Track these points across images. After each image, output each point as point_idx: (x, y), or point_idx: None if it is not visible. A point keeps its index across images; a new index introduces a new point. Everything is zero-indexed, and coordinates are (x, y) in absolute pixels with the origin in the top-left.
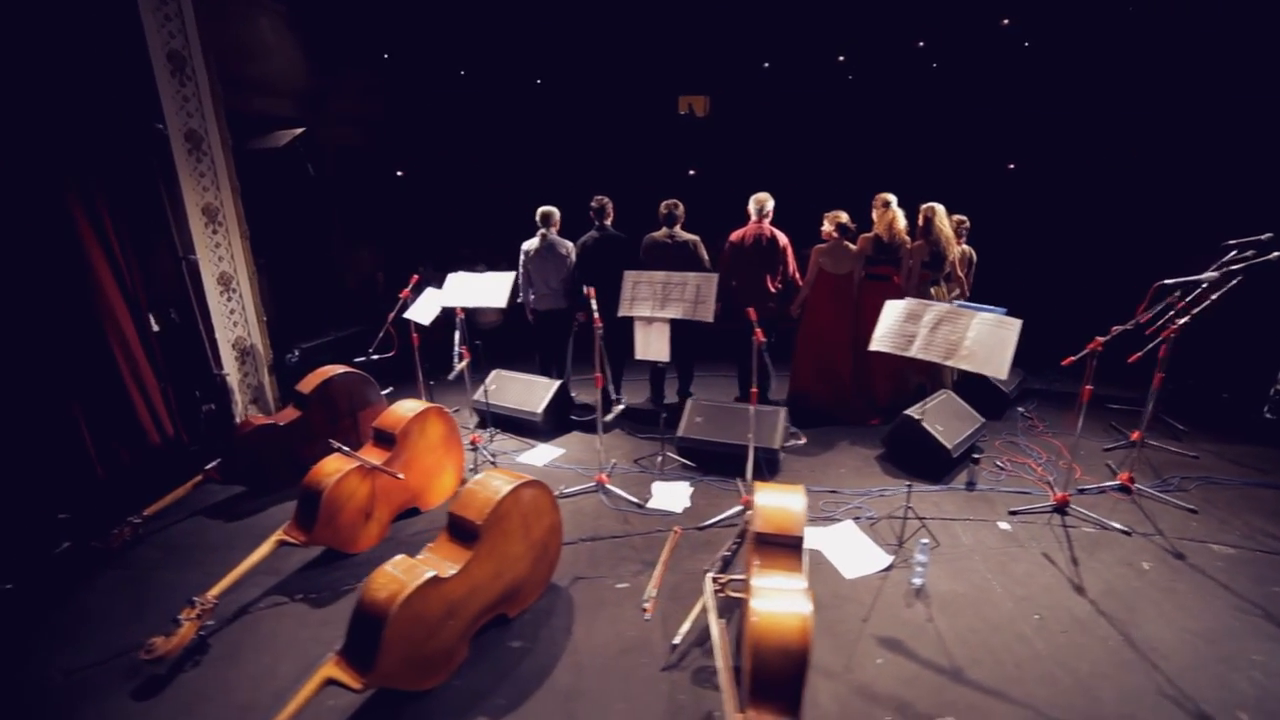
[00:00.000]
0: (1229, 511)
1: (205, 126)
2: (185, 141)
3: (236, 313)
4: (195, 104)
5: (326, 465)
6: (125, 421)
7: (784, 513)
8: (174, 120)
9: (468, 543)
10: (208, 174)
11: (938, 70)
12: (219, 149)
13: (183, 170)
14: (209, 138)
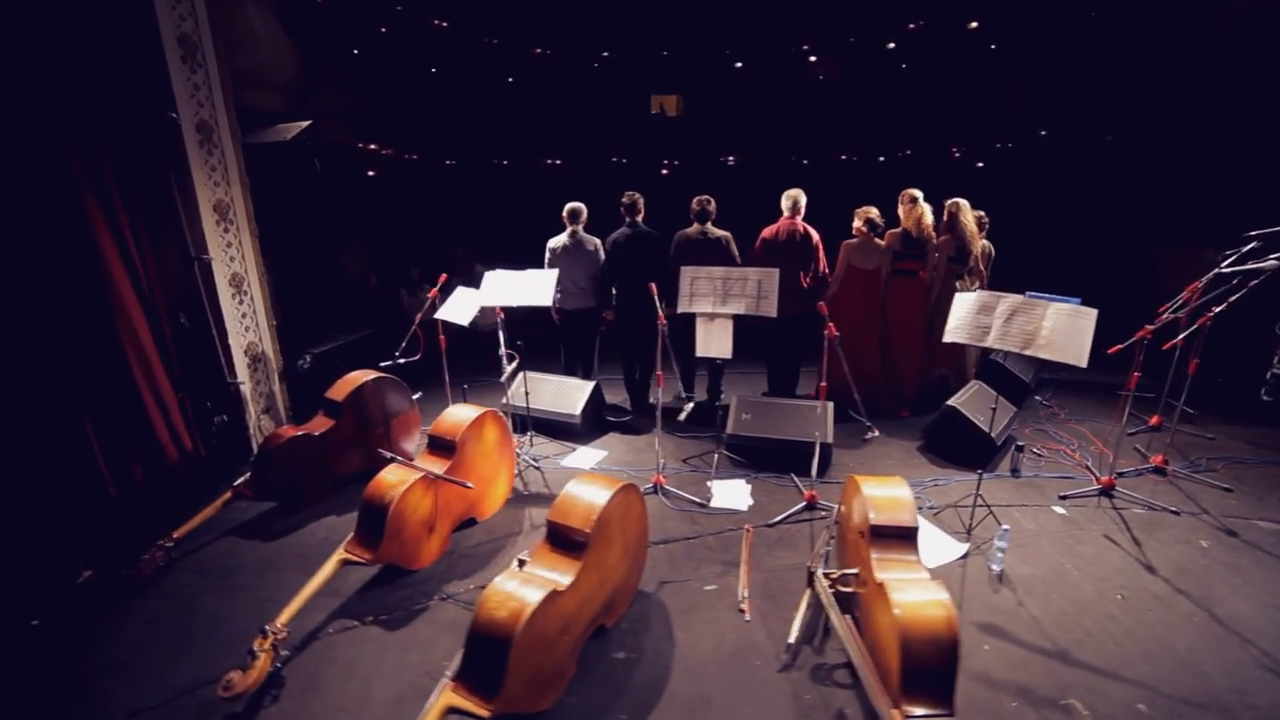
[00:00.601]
0: (1262, 489)
1: (216, 118)
2: (196, 133)
3: (248, 317)
4: (206, 93)
5: (388, 477)
6: (141, 436)
7: (896, 503)
8: (185, 109)
9: (575, 553)
10: (218, 168)
11: (907, 69)
12: (229, 142)
13: (195, 163)
14: (219, 130)
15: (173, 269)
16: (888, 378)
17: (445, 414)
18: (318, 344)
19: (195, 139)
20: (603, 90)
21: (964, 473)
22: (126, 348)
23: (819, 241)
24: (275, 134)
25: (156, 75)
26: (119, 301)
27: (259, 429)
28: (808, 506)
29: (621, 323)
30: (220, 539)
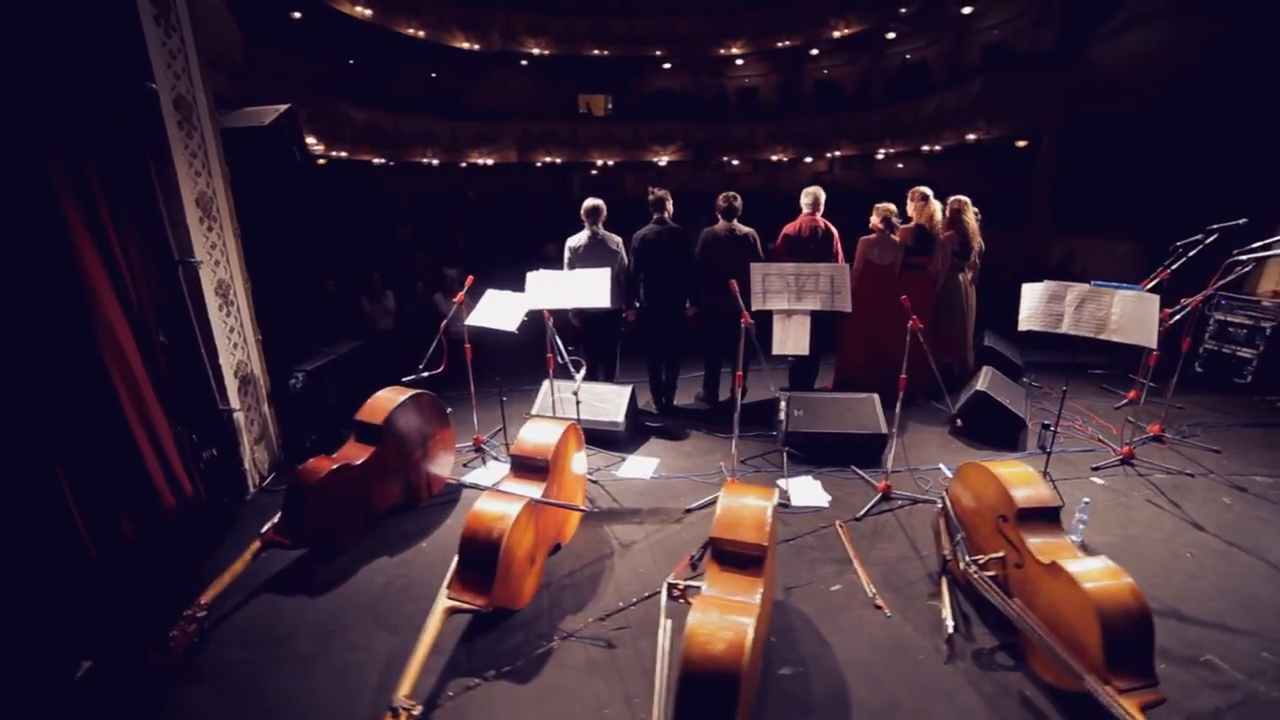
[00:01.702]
0: (1241, 447)
1: (194, 93)
2: (175, 111)
3: (235, 331)
4: (182, 62)
5: (489, 508)
6: (131, 481)
7: (1035, 485)
8: (162, 81)
9: (753, 569)
10: (199, 154)
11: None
12: (208, 123)
13: (175, 147)
14: (198, 108)
15: (152, 275)
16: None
17: (527, 432)
18: (306, 360)
19: (174, 118)
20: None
21: (1001, 453)
22: (113, 374)
23: (838, 236)
24: (249, 118)
25: (131, 38)
26: (102, 317)
27: (254, 464)
28: (884, 497)
29: (648, 322)
30: (255, 599)
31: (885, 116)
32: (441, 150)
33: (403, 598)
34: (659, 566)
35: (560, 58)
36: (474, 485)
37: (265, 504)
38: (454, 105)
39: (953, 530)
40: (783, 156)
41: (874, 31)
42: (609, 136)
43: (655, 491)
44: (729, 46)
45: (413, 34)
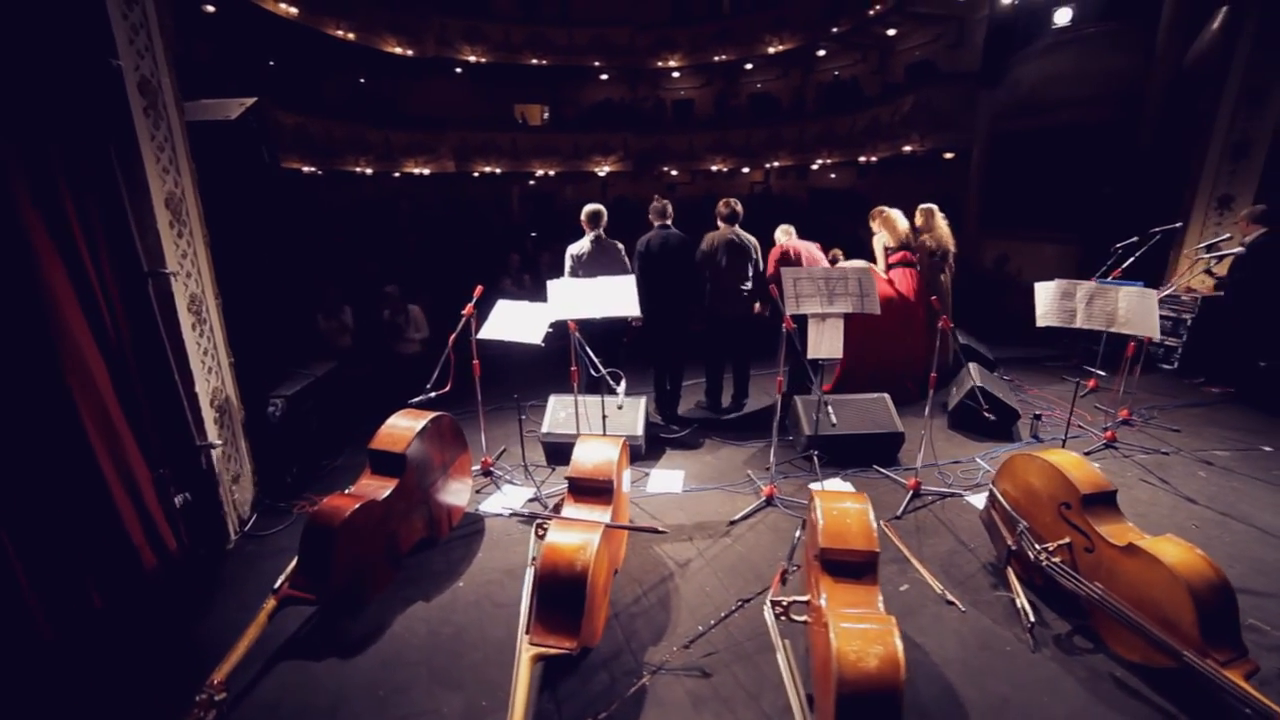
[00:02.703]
0: (1193, 426)
1: (159, 76)
2: (140, 95)
3: (209, 354)
4: (146, 39)
5: (565, 539)
6: (101, 540)
7: (1091, 472)
8: (126, 60)
9: (869, 577)
10: (166, 148)
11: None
12: (175, 111)
13: (143, 138)
14: (164, 93)
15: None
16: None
17: (584, 452)
18: (282, 384)
19: (140, 103)
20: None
21: (1002, 444)
22: (81, 411)
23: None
24: (211, 111)
25: (91, 4)
26: (69, 343)
27: (234, 506)
28: (915, 494)
29: (652, 331)
30: (279, 666)
31: (822, 128)
32: (375, 159)
33: (457, 647)
34: (724, 584)
35: (496, 66)
36: (498, 514)
37: (251, 553)
38: (388, 112)
39: (1013, 522)
40: (722, 166)
41: (806, 48)
42: (549, 146)
43: (690, 505)
44: (666, 59)
45: (342, 36)
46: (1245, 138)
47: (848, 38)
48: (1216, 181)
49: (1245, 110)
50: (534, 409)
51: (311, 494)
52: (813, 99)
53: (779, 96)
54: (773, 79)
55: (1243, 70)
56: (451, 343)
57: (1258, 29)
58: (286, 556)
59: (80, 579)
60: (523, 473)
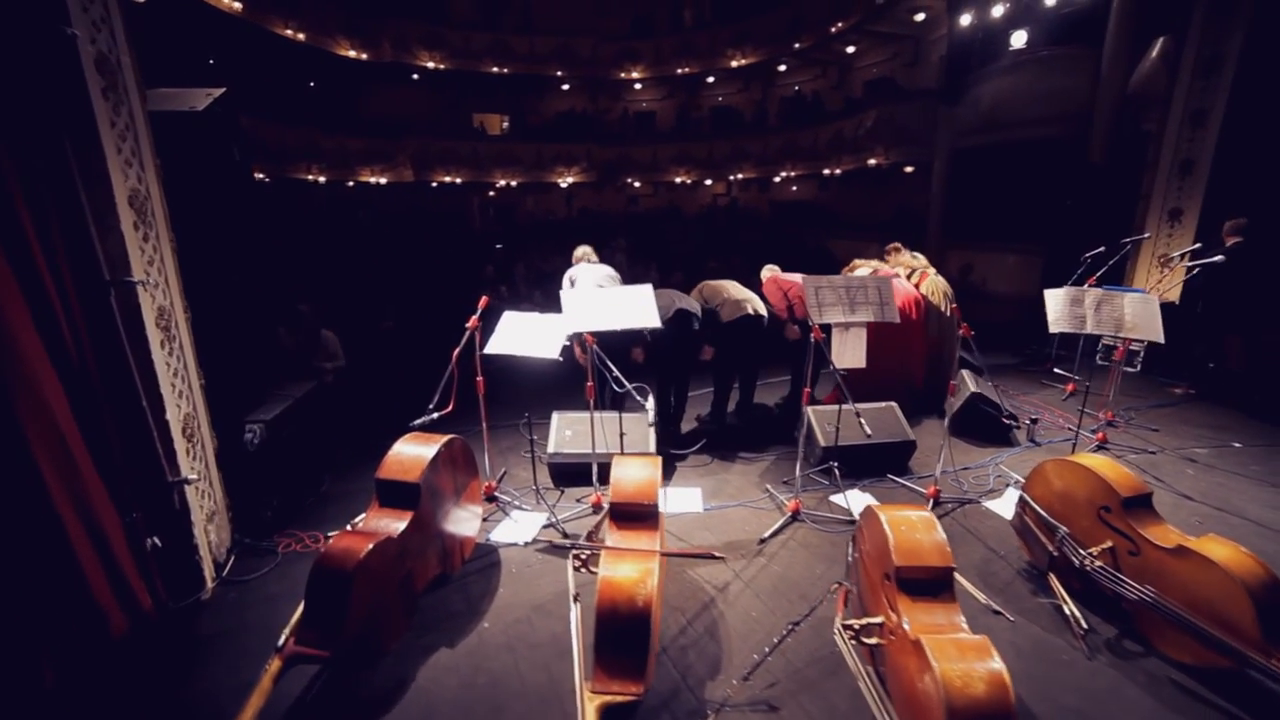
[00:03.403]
0: (1170, 424)
1: (118, 53)
2: (98, 74)
3: (179, 375)
4: (102, 9)
5: (623, 574)
6: (60, 601)
7: (1127, 475)
8: (81, 30)
9: (947, 594)
10: (129, 137)
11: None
12: (137, 95)
13: (102, 125)
14: (124, 73)
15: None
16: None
17: (624, 473)
18: (258, 407)
19: (98, 84)
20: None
21: (1001, 449)
22: (34, 447)
23: None
24: (175, 100)
25: None
26: (18, 363)
27: (209, 549)
28: (936, 503)
29: (654, 347)
30: None
31: (785, 142)
32: (328, 167)
33: (497, 699)
34: (769, 607)
35: (456, 73)
36: (511, 544)
37: (233, 602)
38: (343, 118)
39: (1051, 528)
40: (685, 178)
41: (767, 63)
42: (511, 156)
43: (714, 524)
44: (629, 70)
45: (291, 36)
46: (1190, 156)
47: (809, 54)
48: (1167, 196)
49: (1189, 131)
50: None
51: (296, 530)
52: (775, 112)
53: (741, 109)
54: (734, 92)
55: (1185, 95)
56: (455, 358)
57: (1196, 57)
58: (276, 605)
59: (31, 654)
60: (532, 497)
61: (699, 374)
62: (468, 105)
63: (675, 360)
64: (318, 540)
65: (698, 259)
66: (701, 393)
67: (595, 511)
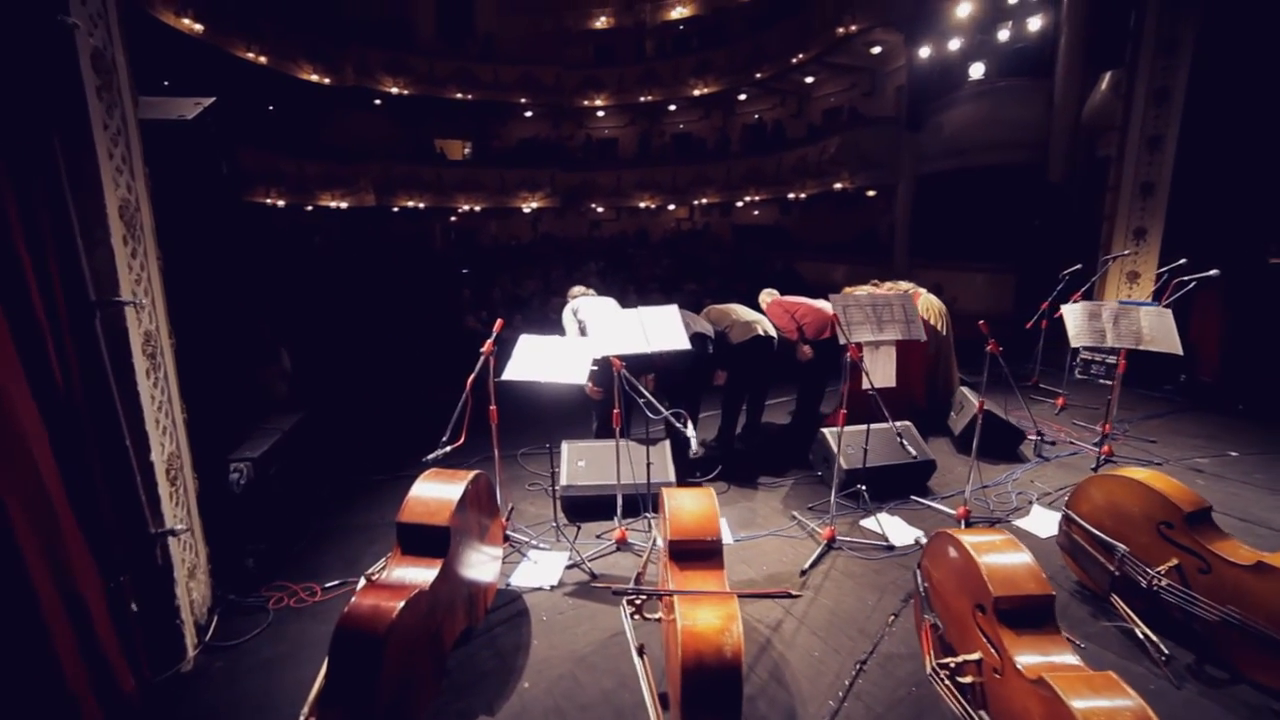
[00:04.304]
0: (1165, 436)
1: (113, 50)
2: (94, 71)
3: (164, 409)
4: (99, 1)
5: (707, 620)
6: (26, 695)
7: (1182, 489)
8: (80, 23)
9: (1051, 625)
10: (120, 142)
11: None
12: (129, 97)
13: (96, 127)
14: (118, 73)
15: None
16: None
17: (679, 507)
18: (243, 443)
19: (93, 81)
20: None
21: (1015, 466)
22: (10, 507)
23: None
24: (162, 109)
25: None
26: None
27: (191, 609)
28: (967, 523)
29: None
30: None
31: (749, 167)
32: (288, 190)
33: None
34: (829, 645)
35: (419, 99)
36: (537, 588)
37: (220, 673)
38: (303, 142)
39: (1109, 547)
40: (650, 203)
41: (728, 92)
42: (474, 181)
43: (749, 556)
44: (592, 98)
45: (253, 59)
46: (1150, 179)
47: (769, 83)
48: (1131, 216)
49: (1147, 155)
50: (527, 458)
51: (286, 581)
52: (737, 139)
53: (703, 136)
54: (695, 120)
55: (1141, 122)
56: (469, 386)
57: (1148, 89)
58: (272, 673)
59: None
60: (545, 534)
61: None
62: (430, 131)
63: (689, 385)
64: (314, 593)
65: (672, 281)
66: (705, 415)
67: (619, 548)
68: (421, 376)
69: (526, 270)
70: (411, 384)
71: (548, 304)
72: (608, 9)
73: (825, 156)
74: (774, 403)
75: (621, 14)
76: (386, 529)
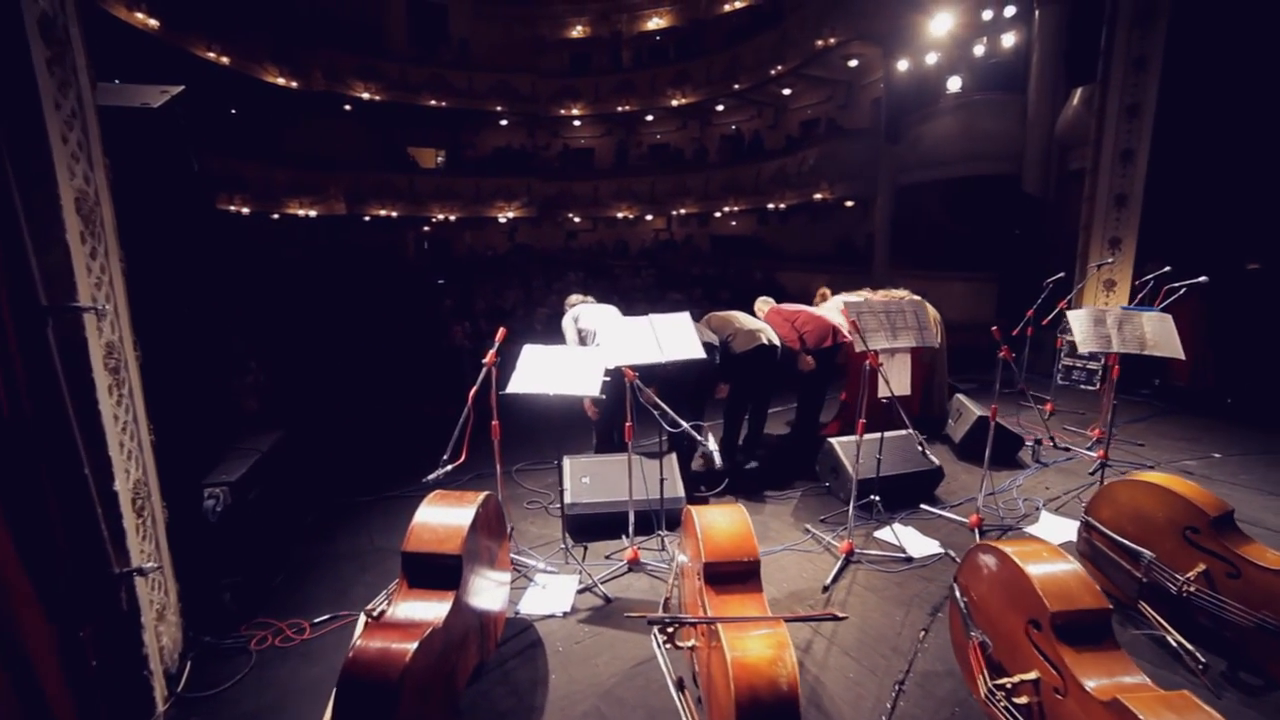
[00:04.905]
0: (1151, 438)
1: (65, 21)
2: (42, 41)
3: (129, 430)
4: None
5: (758, 651)
6: None
7: (1206, 492)
8: None
9: (1111, 639)
10: (75, 126)
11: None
12: (86, 76)
13: (46, 105)
14: (73, 48)
15: None
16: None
17: (712, 526)
18: (218, 466)
19: (43, 53)
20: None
21: (1016, 472)
22: None
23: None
24: (125, 95)
25: None
26: None
27: (159, 656)
28: (981, 532)
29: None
30: None
31: (727, 178)
32: (252, 198)
33: None
34: (863, 666)
35: (391, 105)
36: (549, 615)
37: None
38: (269, 147)
39: (1134, 554)
40: (627, 214)
41: (706, 103)
42: (449, 190)
43: (766, 573)
44: (569, 107)
45: (214, 59)
46: (1124, 190)
47: (746, 94)
48: (1106, 226)
49: (1120, 168)
50: (523, 474)
51: (269, 618)
52: (715, 150)
53: (680, 147)
54: (672, 130)
55: (1114, 136)
56: (471, 399)
57: (1119, 105)
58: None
59: None
60: (548, 555)
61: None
62: (402, 138)
63: (695, 396)
64: (302, 630)
65: (656, 292)
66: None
67: (631, 569)
68: (403, 390)
69: (506, 281)
70: (394, 398)
71: (532, 314)
72: (584, 18)
73: (805, 167)
74: (771, 412)
75: (598, 23)
76: (378, 555)
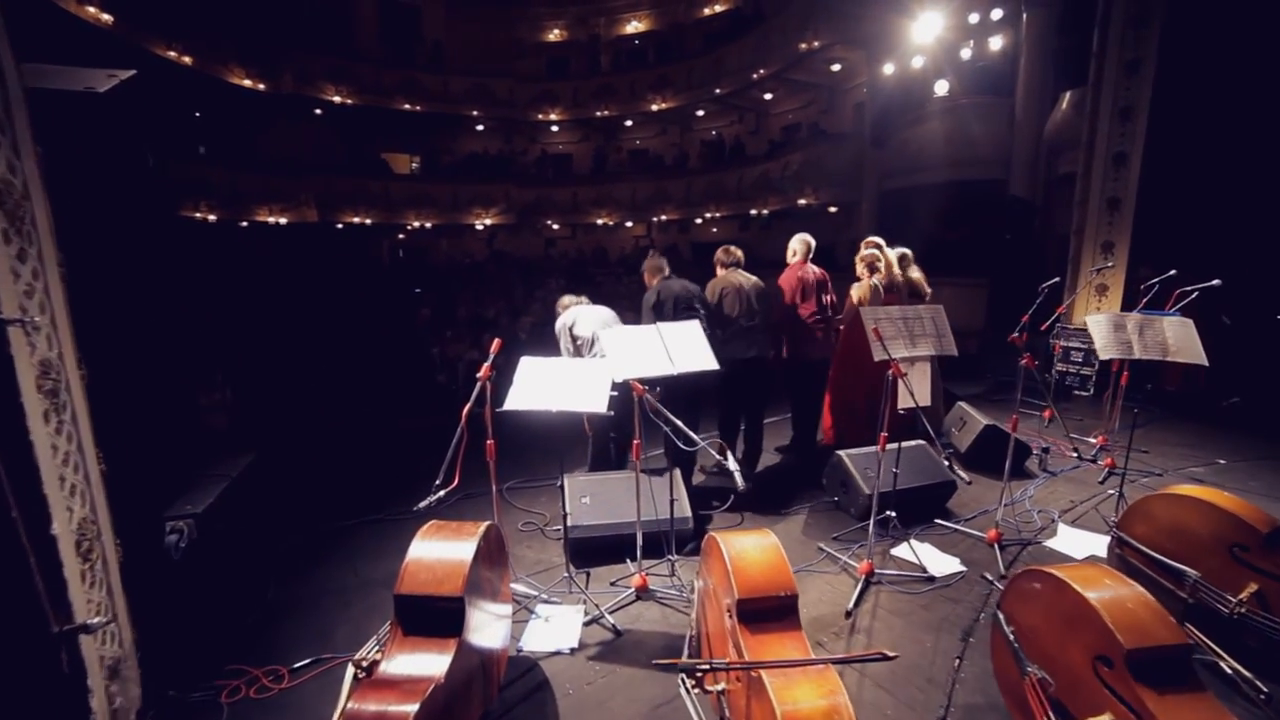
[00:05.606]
0: (1155, 445)
1: None
2: None
3: (72, 460)
4: None
5: (809, 700)
6: None
7: (1256, 508)
8: None
9: (1195, 678)
10: None
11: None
12: (3, 42)
13: None
14: None
15: None
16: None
17: (744, 557)
18: (181, 496)
19: None
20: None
21: (1025, 482)
22: None
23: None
24: (67, 78)
25: None
26: None
27: None
28: (1002, 547)
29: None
30: None
31: (709, 183)
32: (219, 204)
33: None
34: (902, 700)
35: (364, 109)
36: (556, 652)
37: None
38: (237, 152)
39: (1177, 573)
40: (607, 220)
41: (686, 108)
42: (425, 197)
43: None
44: (547, 112)
45: (175, 59)
46: (1116, 194)
47: (727, 99)
48: (1099, 230)
49: (1113, 171)
50: (514, 493)
51: (242, 664)
52: (696, 155)
53: (660, 152)
54: (652, 136)
55: (1106, 139)
56: (465, 418)
57: (1112, 108)
58: None
59: None
60: (549, 585)
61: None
62: (376, 143)
63: (690, 408)
64: (280, 678)
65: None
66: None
67: (639, 597)
68: (383, 405)
69: (486, 289)
70: (372, 412)
71: (516, 323)
72: (561, 21)
73: (788, 172)
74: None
75: (575, 27)
76: (363, 589)
